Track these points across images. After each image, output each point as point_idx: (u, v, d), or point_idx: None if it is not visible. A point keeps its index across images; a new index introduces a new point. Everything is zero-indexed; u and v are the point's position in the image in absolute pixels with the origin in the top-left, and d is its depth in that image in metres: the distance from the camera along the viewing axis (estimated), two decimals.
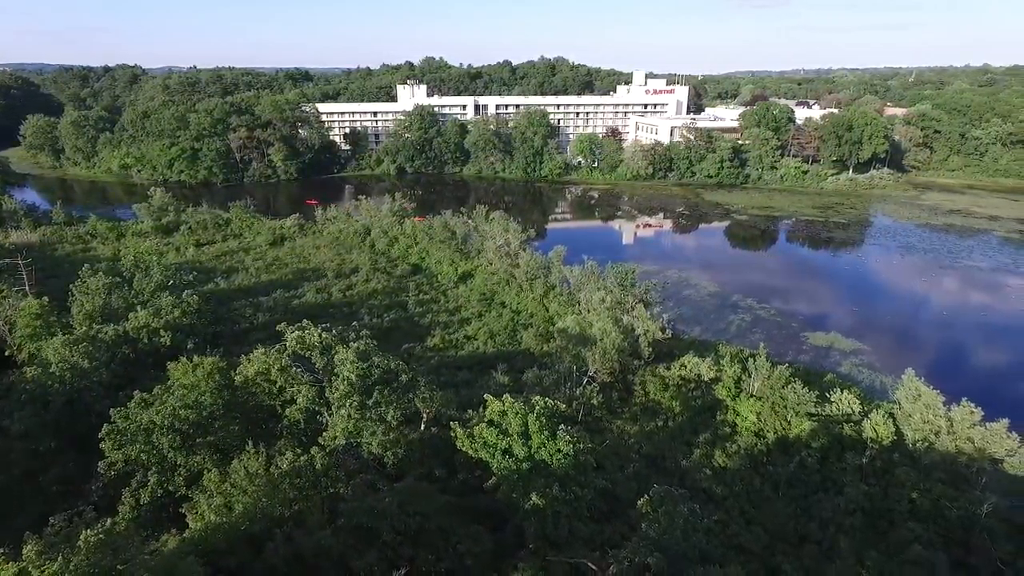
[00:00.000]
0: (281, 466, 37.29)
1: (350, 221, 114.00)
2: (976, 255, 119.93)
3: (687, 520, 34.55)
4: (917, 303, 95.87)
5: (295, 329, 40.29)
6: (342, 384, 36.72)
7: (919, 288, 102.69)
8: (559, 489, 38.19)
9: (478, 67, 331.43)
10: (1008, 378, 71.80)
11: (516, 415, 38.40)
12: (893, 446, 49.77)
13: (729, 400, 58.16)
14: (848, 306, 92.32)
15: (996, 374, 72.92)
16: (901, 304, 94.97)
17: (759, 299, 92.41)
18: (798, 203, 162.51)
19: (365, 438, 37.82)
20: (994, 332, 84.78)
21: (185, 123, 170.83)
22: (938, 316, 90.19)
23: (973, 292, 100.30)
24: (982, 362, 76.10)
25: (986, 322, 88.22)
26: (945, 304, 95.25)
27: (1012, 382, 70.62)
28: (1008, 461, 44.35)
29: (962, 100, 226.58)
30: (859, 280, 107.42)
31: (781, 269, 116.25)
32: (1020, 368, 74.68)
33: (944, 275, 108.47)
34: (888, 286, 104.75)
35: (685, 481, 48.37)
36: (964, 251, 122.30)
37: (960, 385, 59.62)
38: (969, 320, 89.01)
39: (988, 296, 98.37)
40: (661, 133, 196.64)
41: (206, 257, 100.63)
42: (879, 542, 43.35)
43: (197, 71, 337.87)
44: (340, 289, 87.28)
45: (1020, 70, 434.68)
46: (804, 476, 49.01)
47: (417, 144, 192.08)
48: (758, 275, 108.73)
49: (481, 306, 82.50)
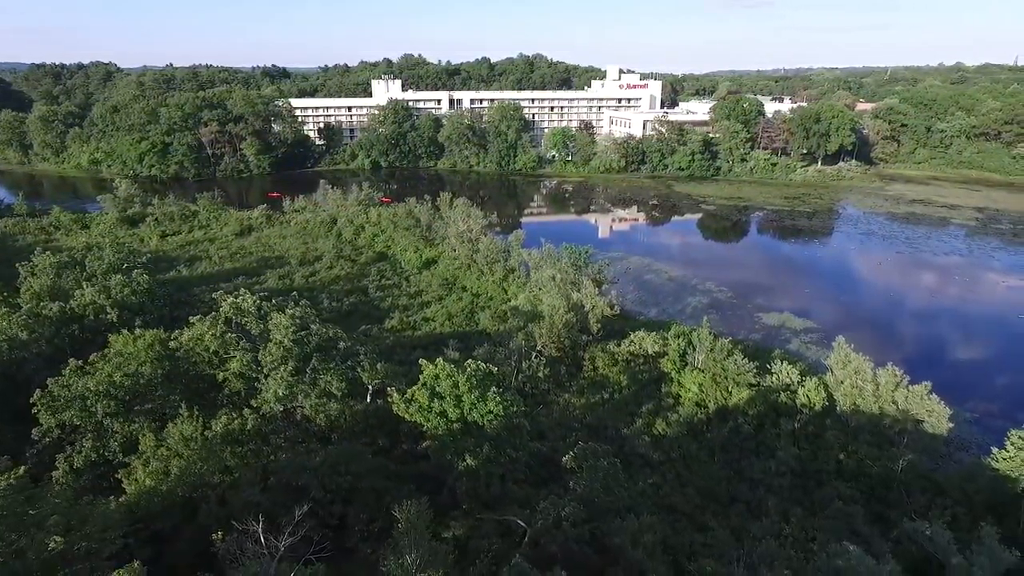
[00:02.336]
0: (215, 429, 38.13)
1: (317, 211, 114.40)
2: (933, 242, 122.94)
3: (607, 473, 35.82)
4: (870, 286, 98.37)
5: (230, 296, 40.95)
6: (275, 348, 37.46)
7: (873, 272, 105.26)
8: (490, 449, 39.39)
9: (456, 64, 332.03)
10: (945, 350, 74.87)
11: (447, 377, 39.47)
12: (825, 411, 51.52)
13: (674, 373, 59.70)
14: (802, 289, 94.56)
15: (935, 347, 75.60)
16: (854, 287, 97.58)
17: (718, 283, 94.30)
18: (767, 194, 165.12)
19: (300, 402, 38.57)
20: (938, 312, 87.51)
21: (155, 117, 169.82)
22: (888, 298, 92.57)
23: (924, 276, 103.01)
24: (923, 338, 78.52)
25: (932, 303, 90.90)
26: (896, 287, 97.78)
27: (948, 353, 73.82)
28: (928, 421, 46.16)
29: (928, 94, 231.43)
30: (817, 265, 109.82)
31: (743, 256, 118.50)
32: (956, 341, 77.57)
33: (899, 260, 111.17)
34: (844, 270, 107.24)
35: (624, 448, 49.79)
36: (921, 238, 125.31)
37: (900, 357, 61.87)
38: (917, 301, 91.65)
39: (938, 280, 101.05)
40: (634, 127, 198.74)
41: (170, 247, 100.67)
42: (805, 500, 45.00)
43: (173, 69, 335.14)
44: (303, 276, 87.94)
45: (989, 69, 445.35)
46: (739, 441, 50.64)
47: (391, 138, 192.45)
48: (720, 261, 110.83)
49: (442, 290, 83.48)
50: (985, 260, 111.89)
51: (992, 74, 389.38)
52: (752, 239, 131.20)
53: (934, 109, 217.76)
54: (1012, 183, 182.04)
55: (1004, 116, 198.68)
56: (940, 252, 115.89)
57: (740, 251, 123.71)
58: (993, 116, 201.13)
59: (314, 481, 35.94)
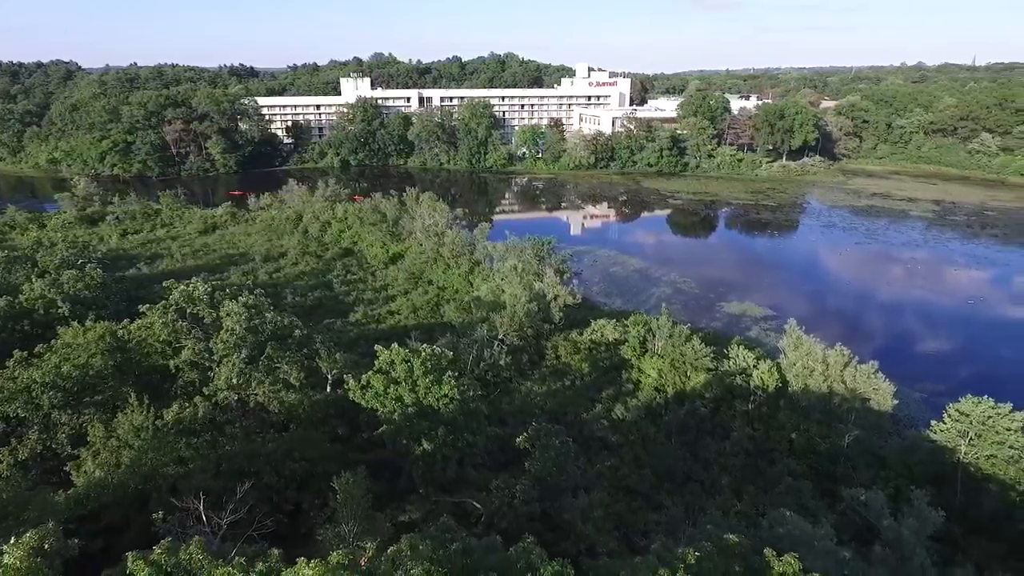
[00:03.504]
0: (166, 418, 37.75)
1: (283, 208, 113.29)
2: (891, 233, 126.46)
3: (559, 452, 36.34)
4: (829, 276, 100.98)
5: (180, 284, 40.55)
6: (227, 335, 37.23)
7: (832, 262, 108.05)
8: (446, 433, 39.64)
9: (428, 63, 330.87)
10: (899, 334, 77.41)
11: (402, 362, 39.63)
12: (779, 392, 52.82)
13: (634, 359, 60.61)
14: (765, 279, 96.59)
15: (890, 332, 78.08)
16: (815, 277, 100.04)
17: (683, 274, 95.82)
18: (733, 189, 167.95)
19: (253, 389, 38.38)
20: (893, 298, 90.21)
21: (117, 116, 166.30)
22: (847, 287, 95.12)
23: (882, 265, 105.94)
24: (879, 323, 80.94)
25: (888, 290, 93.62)
26: (855, 276, 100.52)
27: (902, 336, 76.39)
28: (874, 399, 47.67)
29: (888, 92, 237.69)
30: (780, 257, 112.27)
31: (709, 248, 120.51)
32: (910, 325, 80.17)
33: (858, 251, 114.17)
34: (805, 261, 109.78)
35: (583, 432, 50.46)
36: (880, 230, 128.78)
37: (857, 342, 64.09)
38: (874, 289, 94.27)
39: (895, 268, 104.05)
40: (603, 124, 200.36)
41: (130, 244, 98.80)
42: (758, 478, 46.16)
43: (137, 68, 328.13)
44: (267, 272, 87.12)
45: (949, 68, 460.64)
46: (695, 424, 51.64)
47: (361, 136, 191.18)
48: (686, 254, 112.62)
49: (408, 284, 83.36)
50: (940, 250, 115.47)
51: (951, 73, 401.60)
52: (718, 233, 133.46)
53: (894, 106, 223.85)
54: (967, 177, 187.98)
55: (960, 112, 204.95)
56: (898, 243, 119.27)
57: (706, 244, 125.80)
58: (949, 113, 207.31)
59: (267, 467, 35.81)
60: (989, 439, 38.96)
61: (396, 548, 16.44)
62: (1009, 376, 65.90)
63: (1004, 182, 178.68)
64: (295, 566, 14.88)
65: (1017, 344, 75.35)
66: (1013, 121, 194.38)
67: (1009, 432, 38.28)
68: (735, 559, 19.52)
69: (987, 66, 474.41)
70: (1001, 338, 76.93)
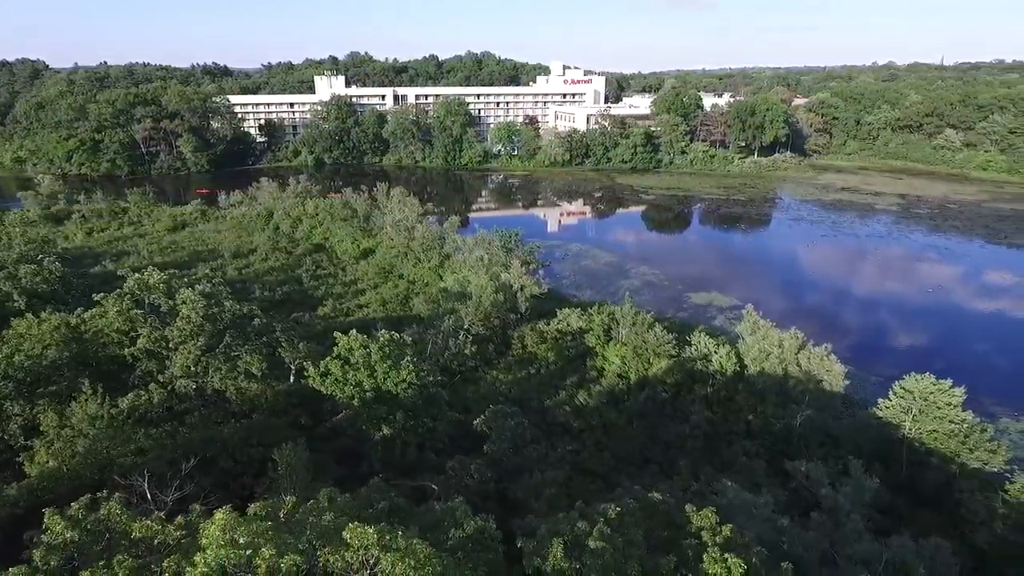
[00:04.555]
0: (121, 407, 37.62)
1: (253, 205, 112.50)
2: (857, 226, 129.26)
3: (515, 433, 36.96)
4: (794, 266, 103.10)
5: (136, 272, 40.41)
6: (183, 323, 37.22)
7: (798, 254, 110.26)
8: (405, 417, 40.02)
9: (404, 61, 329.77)
10: (860, 320, 79.42)
11: (360, 347, 39.93)
12: (737, 376, 54.02)
13: (599, 347, 61.47)
14: (732, 271, 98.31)
15: (851, 318, 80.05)
16: (780, 267, 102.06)
17: (652, 266, 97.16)
18: (705, 184, 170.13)
19: (211, 376, 38.41)
20: (856, 287, 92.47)
21: (84, 114, 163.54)
22: (810, 277, 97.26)
23: (846, 256, 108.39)
24: (841, 311, 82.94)
25: (851, 280, 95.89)
26: (819, 267, 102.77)
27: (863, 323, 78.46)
28: (826, 379, 49.01)
29: (857, 89, 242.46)
30: (748, 249, 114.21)
31: (678, 242, 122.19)
32: (871, 313, 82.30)
33: (823, 243, 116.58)
34: (771, 253, 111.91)
35: (546, 418, 51.15)
36: (847, 223, 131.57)
37: (820, 329, 65.85)
38: (837, 279, 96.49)
39: (858, 259, 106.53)
40: (578, 121, 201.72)
41: (96, 242, 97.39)
42: (715, 459, 47.20)
43: (107, 67, 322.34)
44: (236, 268, 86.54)
45: (918, 67, 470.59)
46: (656, 408, 52.60)
47: (335, 134, 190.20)
48: (656, 247, 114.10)
49: (378, 278, 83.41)
50: (903, 242, 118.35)
51: (920, 73, 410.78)
52: (689, 226, 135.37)
53: (863, 103, 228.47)
54: (933, 172, 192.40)
55: (925, 109, 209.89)
56: (863, 235, 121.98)
57: (676, 238, 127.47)
58: (915, 109, 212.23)
59: (223, 452, 35.90)
60: (931, 414, 40.37)
61: (315, 501, 16.85)
62: (963, 357, 68.22)
63: (967, 176, 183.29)
64: (212, 518, 15.18)
65: (973, 329, 77.82)
66: (976, 117, 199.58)
67: (949, 407, 39.69)
68: (659, 516, 20.26)
69: (954, 65, 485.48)
70: (957, 324, 79.37)
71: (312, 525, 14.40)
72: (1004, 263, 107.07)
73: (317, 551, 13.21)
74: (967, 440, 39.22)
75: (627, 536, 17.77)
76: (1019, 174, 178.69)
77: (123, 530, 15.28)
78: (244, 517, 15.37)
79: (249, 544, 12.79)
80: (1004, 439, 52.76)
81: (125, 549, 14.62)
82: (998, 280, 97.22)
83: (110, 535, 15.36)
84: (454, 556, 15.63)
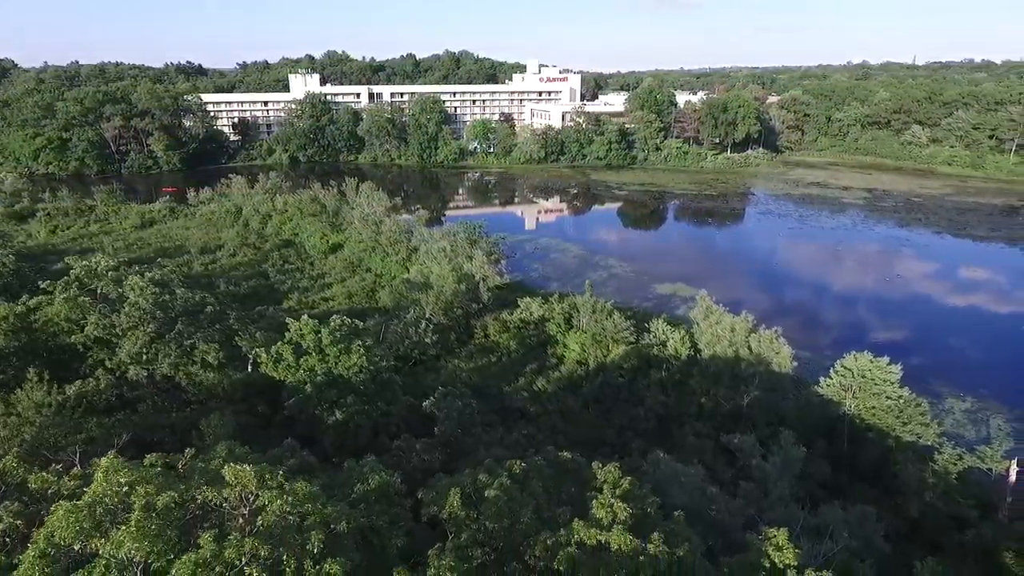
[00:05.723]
0: (68, 393, 37.62)
1: (223, 202, 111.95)
2: (823, 219, 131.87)
3: (462, 413, 37.62)
4: (759, 258, 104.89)
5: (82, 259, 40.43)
6: (130, 309, 37.33)
7: (764, 246, 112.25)
8: (357, 401, 40.45)
9: (381, 60, 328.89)
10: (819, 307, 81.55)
11: (311, 332, 40.33)
12: (691, 361, 55.14)
13: (560, 335, 62.32)
14: (697, 262, 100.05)
15: (811, 305, 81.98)
16: (745, 259, 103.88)
17: (619, 258, 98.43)
18: (678, 180, 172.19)
19: (160, 362, 38.56)
20: (817, 276, 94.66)
21: (52, 112, 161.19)
22: (775, 267, 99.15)
23: (810, 248, 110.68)
24: (801, 298, 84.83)
25: (813, 269, 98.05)
26: (783, 257, 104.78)
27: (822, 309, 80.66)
28: (775, 361, 50.26)
29: (828, 86, 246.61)
30: (715, 241, 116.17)
31: (647, 235, 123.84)
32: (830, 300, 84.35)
33: (790, 235, 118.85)
34: (738, 246, 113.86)
35: (504, 403, 51.86)
36: (813, 216, 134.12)
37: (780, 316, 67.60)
38: (799, 268, 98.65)
39: (822, 251, 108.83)
40: (554, 118, 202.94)
41: (60, 240, 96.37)
42: (666, 440, 48.20)
43: (78, 66, 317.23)
44: (202, 264, 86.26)
45: (890, 66, 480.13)
46: (612, 392, 53.55)
47: (310, 132, 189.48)
48: (626, 241, 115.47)
49: (346, 272, 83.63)
50: (867, 234, 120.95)
51: (892, 71, 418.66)
52: (659, 220, 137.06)
53: (833, 100, 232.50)
54: (900, 167, 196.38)
55: (893, 106, 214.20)
56: (828, 228, 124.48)
57: (646, 232, 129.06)
58: (884, 106, 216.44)
59: (170, 437, 36.07)
60: (869, 391, 41.73)
61: (213, 452, 17.34)
62: (916, 341, 70.33)
63: (933, 171, 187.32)
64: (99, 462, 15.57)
65: (928, 315, 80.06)
66: (941, 114, 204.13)
67: (886, 383, 41.06)
68: (568, 473, 21.05)
69: (925, 64, 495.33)
70: (913, 310, 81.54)
71: (201, 471, 14.94)
72: (962, 254, 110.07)
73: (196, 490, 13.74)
74: (901, 415, 40.63)
75: (528, 488, 18.50)
76: (982, 169, 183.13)
77: (18, 483, 15.63)
78: (132, 462, 15.83)
79: (130, 483, 13.26)
80: (948, 418, 54.81)
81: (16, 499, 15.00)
82: (954, 270, 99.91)
83: (6, 488, 15.70)
84: (355, 508, 16.24)
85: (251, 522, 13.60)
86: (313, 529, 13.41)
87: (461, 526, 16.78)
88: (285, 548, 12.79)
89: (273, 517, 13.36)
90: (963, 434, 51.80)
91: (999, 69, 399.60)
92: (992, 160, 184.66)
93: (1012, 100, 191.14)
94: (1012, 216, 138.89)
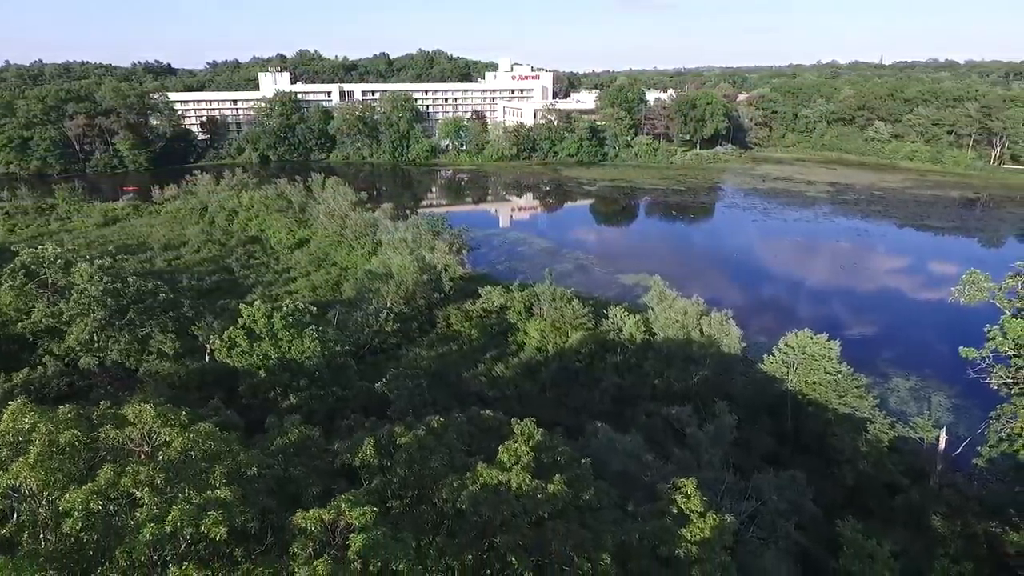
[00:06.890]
0: (15, 381, 37.53)
1: (188, 199, 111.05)
2: (786, 211, 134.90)
3: (412, 393, 38.33)
4: (722, 249, 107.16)
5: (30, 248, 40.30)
6: (78, 295, 37.35)
7: (727, 238, 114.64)
8: (310, 385, 40.89)
9: (354, 59, 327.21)
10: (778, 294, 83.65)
11: (263, 317, 40.69)
12: (646, 344, 56.51)
13: (520, 323, 63.27)
14: (661, 253, 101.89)
15: (770, 292, 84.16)
16: (708, 250, 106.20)
17: (585, 251, 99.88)
18: (648, 176, 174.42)
19: (110, 349, 38.61)
20: (775, 265, 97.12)
21: (11, 110, 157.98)
22: (736, 257, 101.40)
23: (771, 238, 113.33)
24: (760, 285, 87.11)
25: (772, 259, 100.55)
26: (745, 247, 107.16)
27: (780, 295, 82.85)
28: (725, 342, 51.81)
29: (795, 84, 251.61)
30: (680, 233, 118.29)
31: (616, 229, 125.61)
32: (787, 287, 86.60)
33: (753, 227, 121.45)
34: (701, 237, 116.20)
35: (462, 389, 52.61)
36: (777, 209, 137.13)
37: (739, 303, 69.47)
38: (759, 258, 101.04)
39: (783, 241, 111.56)
40: (525, 116, 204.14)
41: (18, 238, 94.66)
42: (620, 420, 49.39)
43: (41, 65, 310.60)
44: (165, 260, 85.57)
45: (859, 66, 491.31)
46: (569, 376, 54.63)
47: (280, 131, 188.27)
48: (591, 234, 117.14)
49: (311, 266, 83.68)
50: (827, 225, 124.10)
51: (860, 70, 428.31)
52: (628, 215, 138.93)
53: (800, 97, 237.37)
54: (864, 162, 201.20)
55: (857, 102, 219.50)
56: (791, 219, 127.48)
57: (615, 226, 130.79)
58: (848, 103, 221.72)
59: None
60: (810, 366, 43.35)
61: (129, 404, 17.91)
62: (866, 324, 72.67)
63: (895, 166, 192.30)
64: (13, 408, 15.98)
65: (879, 300, 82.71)
66: (903, 110, 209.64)
67: (825, 359, 42.70)
68: (490, 431, 21.96)
69: (892, 64, 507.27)
70: (865, 295, 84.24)
71: (110, 416, 15.49)
72: (916, 243, 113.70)
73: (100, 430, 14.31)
74: (838, 388, 42.30)
75: (444, 440, 19.35)
76: (941, 163, 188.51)
77: None
78: (42, 408, 16.32)
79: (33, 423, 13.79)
80: (893, 395, 57.01)
81: None
82: (907, 258, 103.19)
83: None
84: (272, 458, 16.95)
85: (152, 458, 14.17)
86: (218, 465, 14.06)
87: (374, 473, 17.56)
88: (185, 481, 13.42)
89: (175, 453, 13.97)
90: (906, 410, 53.77)
91: (962, 68, 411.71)
92: (950, 155, 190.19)
93: (970, 97, 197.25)
94: (968, 208, 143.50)
